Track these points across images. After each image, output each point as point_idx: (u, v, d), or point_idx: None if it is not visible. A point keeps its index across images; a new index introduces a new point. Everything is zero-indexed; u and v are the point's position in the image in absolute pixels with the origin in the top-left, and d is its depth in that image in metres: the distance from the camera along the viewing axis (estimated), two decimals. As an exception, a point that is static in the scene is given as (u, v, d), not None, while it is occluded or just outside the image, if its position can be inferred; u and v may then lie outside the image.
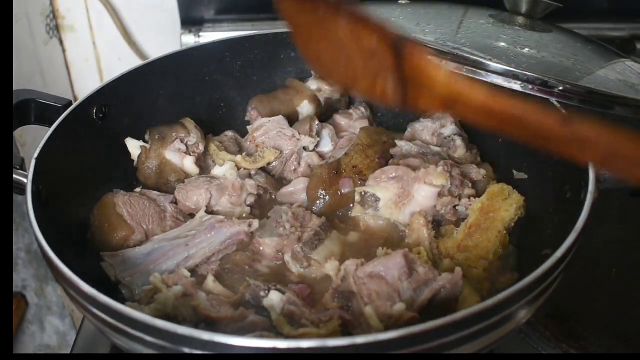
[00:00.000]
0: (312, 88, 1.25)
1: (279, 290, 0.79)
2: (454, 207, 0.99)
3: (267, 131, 1.13)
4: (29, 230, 1.59)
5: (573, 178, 0.87)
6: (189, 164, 1.08)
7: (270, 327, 0.77)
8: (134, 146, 1.09)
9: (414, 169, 1.00)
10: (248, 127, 1.18)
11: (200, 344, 0.63)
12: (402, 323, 0.73)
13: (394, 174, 0.99)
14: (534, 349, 0.93)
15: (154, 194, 1.03)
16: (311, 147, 1.12)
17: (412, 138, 1.16)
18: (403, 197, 0.98)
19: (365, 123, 1.20)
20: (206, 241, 0.93)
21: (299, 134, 1.12)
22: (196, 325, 0.75)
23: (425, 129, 1.17)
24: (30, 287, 1.69)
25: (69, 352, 0.98)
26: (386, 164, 1.06)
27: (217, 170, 1.07)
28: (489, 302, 0.65)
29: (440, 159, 1.02)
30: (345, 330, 0.77)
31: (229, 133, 1.18)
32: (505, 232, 0.92)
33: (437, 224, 0.99)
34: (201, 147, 1.10)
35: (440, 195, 0.97)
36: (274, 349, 0.61)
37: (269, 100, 1.21)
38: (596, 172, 0.83)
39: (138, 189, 1.05)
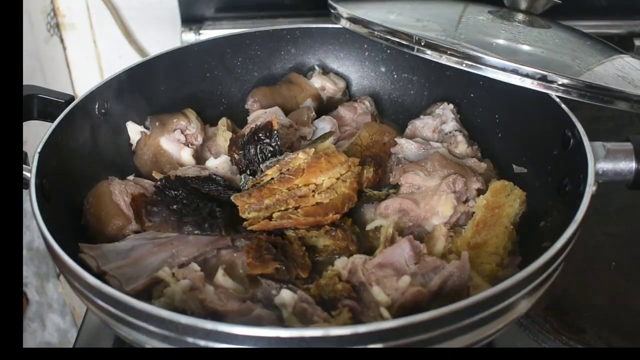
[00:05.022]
0: (316, 86, 1.25)
1: (290, 289, 0.79)
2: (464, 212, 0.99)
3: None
4: (30, 227, 1.60)
5: (572, 171, 0.88)
6: (186, 156, 1.09)
7: (276, 321, 0.77)
8: (134, 130, 1.10)
9: (417, 188, 0.99)
10: (248, 118, 1.18)
11: (203, 333, 0.63)
12: (409, 297, 0.74)
13: (398, 207, 0.97)
14: (533, 341, 0.94)
15: (147, 182, 1.02)
16: (309, 137, 1.12)
17: (412, 135, 1.16)
18: (413, 227, 0.97)
19: (368, 118, 1.19)
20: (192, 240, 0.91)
21: (296, 124, 1.13)
22: (203, 319, 0.76)
23: (425, 125, 1.17)
24: (31, 284, 1.69)
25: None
26: (383, 173, 1.05)
27: (210, 162, 1.07)
28: (490, 291, 0.66)
29: (440, 170, 1.00)
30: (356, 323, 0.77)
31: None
32: (511, 227, 0.92)
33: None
34: (200, 139, 1.11)
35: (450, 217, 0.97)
36: (277, 337, 0.62)
37: (272, 94, 1.21)
38: (595, 166, 0.84)
39: (131, 177, 1.04)
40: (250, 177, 0.98)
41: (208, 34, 1.52)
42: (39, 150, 0.88)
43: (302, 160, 0.92)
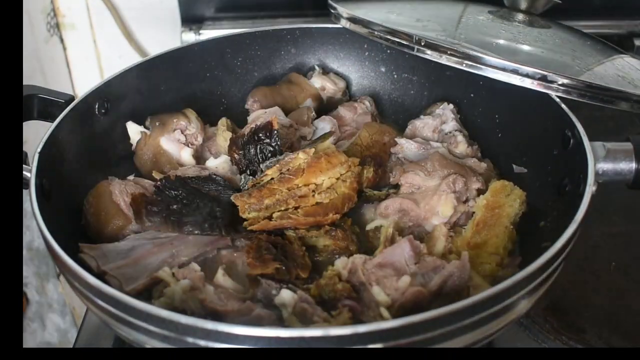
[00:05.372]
0: (316, 86, 1.26)
1: (290, 289, 0.79)
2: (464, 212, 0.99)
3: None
4: (30, 228, 1.60)
5: (572, 171, 0.88)
6: (186, 156, 1.09)
7: (276, 321, 0.77)
8: (134, 131, 1.10)
9: (417, 188, 0.99)
10: (248, 118, 1.18)
11: (203, 333, 0.63)
12: (409, 297, 0.74)
13: (398, 207, 0.97)
14: (533, 341, 0.94)
15: (147, 182, 1.02)
16: (309, 137, 1.13)
17: (412, 135, 1.16)
18: (413, 227, 0.97)
19: (368, 118, 1.19)
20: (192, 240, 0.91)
21: (296, 124, 1.13)
22: (203, 319, 0.76)
23: (425, 125, 1.17)
24: (31, 284, 1.69)
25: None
26: (383, 173, 1.05)
27: (210, 162, 1.08)
28: (490, 291, 0.66)
29: (440, 170, 1.00)
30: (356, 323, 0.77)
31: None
32: (511, 227, 0.92)
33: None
34: (200, 139, 1.12)
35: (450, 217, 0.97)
36: (277, 337, 0.62)
37: (272, 94, 1.21)
38: (595, 166, 0.84)
39: (131, 177, 1.05)
40: (250, 177, 0.98)
41: (208, 34, 1.52)
42: (39, 150, 0.89)
43: (302, 160, 0.92)
